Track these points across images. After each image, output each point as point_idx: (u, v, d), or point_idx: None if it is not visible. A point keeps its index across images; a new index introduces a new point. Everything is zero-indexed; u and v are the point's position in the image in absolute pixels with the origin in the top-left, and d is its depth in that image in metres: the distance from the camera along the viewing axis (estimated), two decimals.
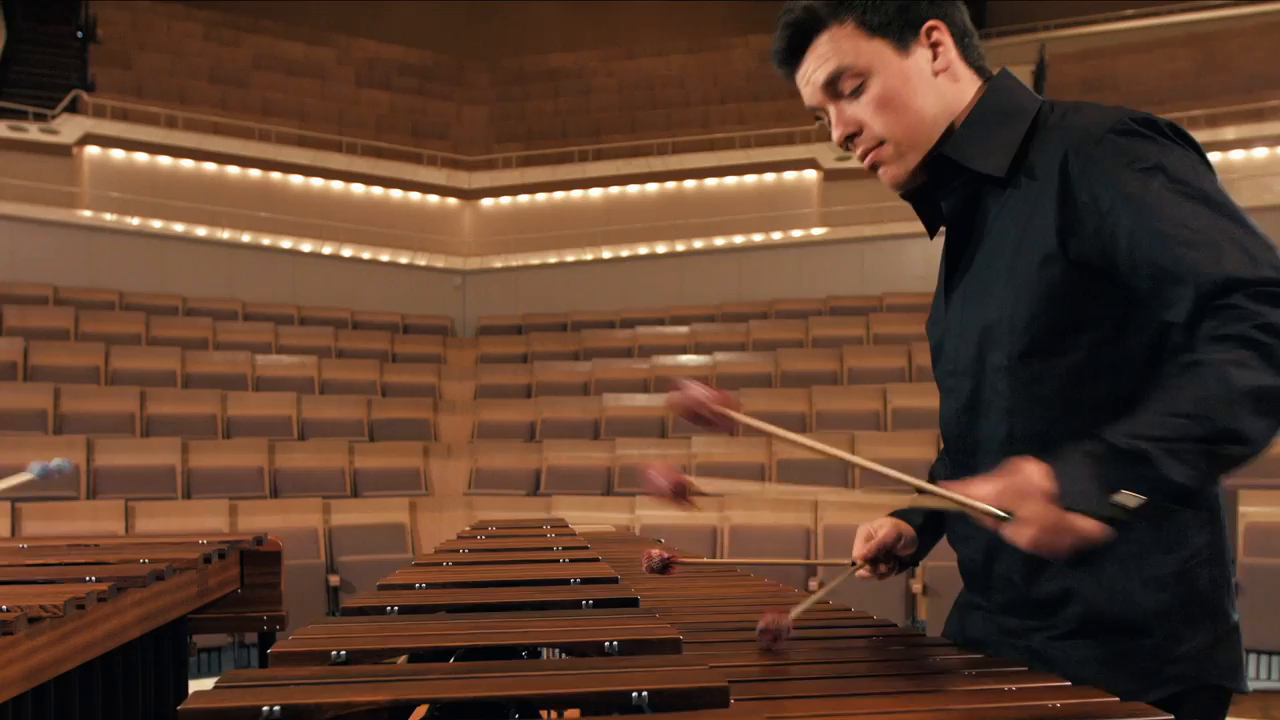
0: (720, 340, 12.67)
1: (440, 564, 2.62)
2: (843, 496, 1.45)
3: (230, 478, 8.97)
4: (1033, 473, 1.25)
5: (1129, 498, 1.21)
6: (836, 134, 1.52)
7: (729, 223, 14.83)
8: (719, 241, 14.67)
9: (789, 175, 15.17)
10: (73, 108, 14.50)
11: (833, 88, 1.49)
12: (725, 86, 17.99)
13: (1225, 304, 1.24)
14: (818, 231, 14.04)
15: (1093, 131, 1.37)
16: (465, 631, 1.80)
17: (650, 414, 10.97)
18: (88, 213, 13.53)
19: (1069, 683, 1.44)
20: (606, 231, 15.36)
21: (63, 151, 14.06)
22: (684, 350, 12.56)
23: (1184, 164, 1.35)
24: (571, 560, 2.64)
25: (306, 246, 14.34)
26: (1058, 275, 1.39)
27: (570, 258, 15.08)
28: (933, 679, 1.52)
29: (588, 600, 2.05)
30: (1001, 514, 1.28)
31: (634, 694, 1.34)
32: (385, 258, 14.88)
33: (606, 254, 14.97)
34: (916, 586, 7.31)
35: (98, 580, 2.47)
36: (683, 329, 13.15)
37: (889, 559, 1.82)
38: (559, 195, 16.45)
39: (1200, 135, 14.02)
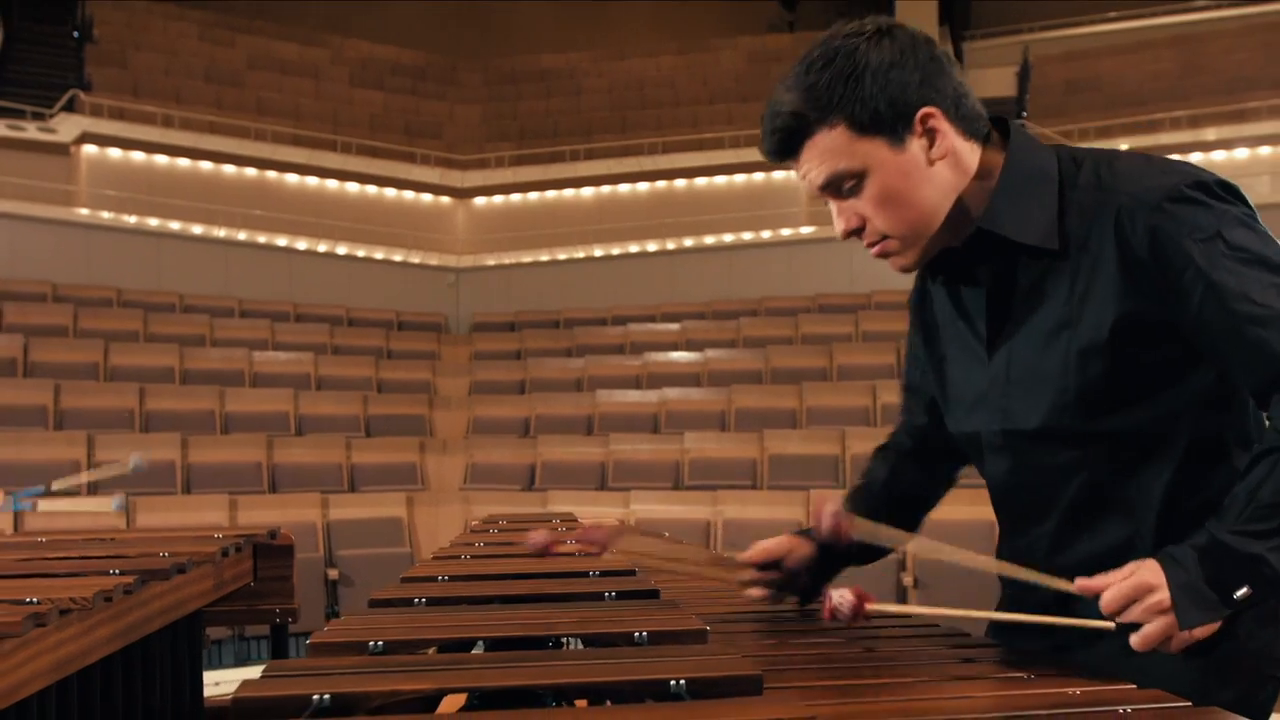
0: (711, 337, 12.69)
1: (458, 557, 2.62)
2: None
3: (229, 473, 8.95)
4: (1154, 586, 1.30)
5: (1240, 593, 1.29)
6: (839, 229, 1.48)
7: (719, 221, 14.86)
8: (709, 240, 14.69)
9: (778, 175, 15.16)
10: (70, 107, 14.43)
11: (831, 189, 1.45)
12: (714, 87, 18.00)
13: None
14: (806, 230, 14.07)
15: (1146, 199, 1.37)
16: (495, 622, 1.80)
17: (642, 410, 10.98)
18: (85, 211, 13.48)
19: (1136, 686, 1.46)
20: (598, 230, 15.37)
21: (60, 150, 14.01)
22: (675, 347, 12.58)
23: (1240, 228, 1.35)
24: (585, 553, 2.65)
25: (302, 244, 14.31)
26: (1126, 338, 1.39)
27: (562, 256, 15.09)
28: (956, 668, 1.53)
29: (610, 592, 2.06)
30: (1117, 625, 1.34)
31: (672, 682, 1.36)
32: (380, 255, 14.86)
33: (598, 252, 14.98)
34: (908, 580, 7.35)
35: (122, 573, 2.47)
36: (674, 326, 13.17)
37: (775, 568, 1.79)
38: (551, 194, 16.45)
39: (1182, 136, 14.12)
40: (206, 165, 14.89)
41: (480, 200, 16.69)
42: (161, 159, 14.59)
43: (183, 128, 14.80)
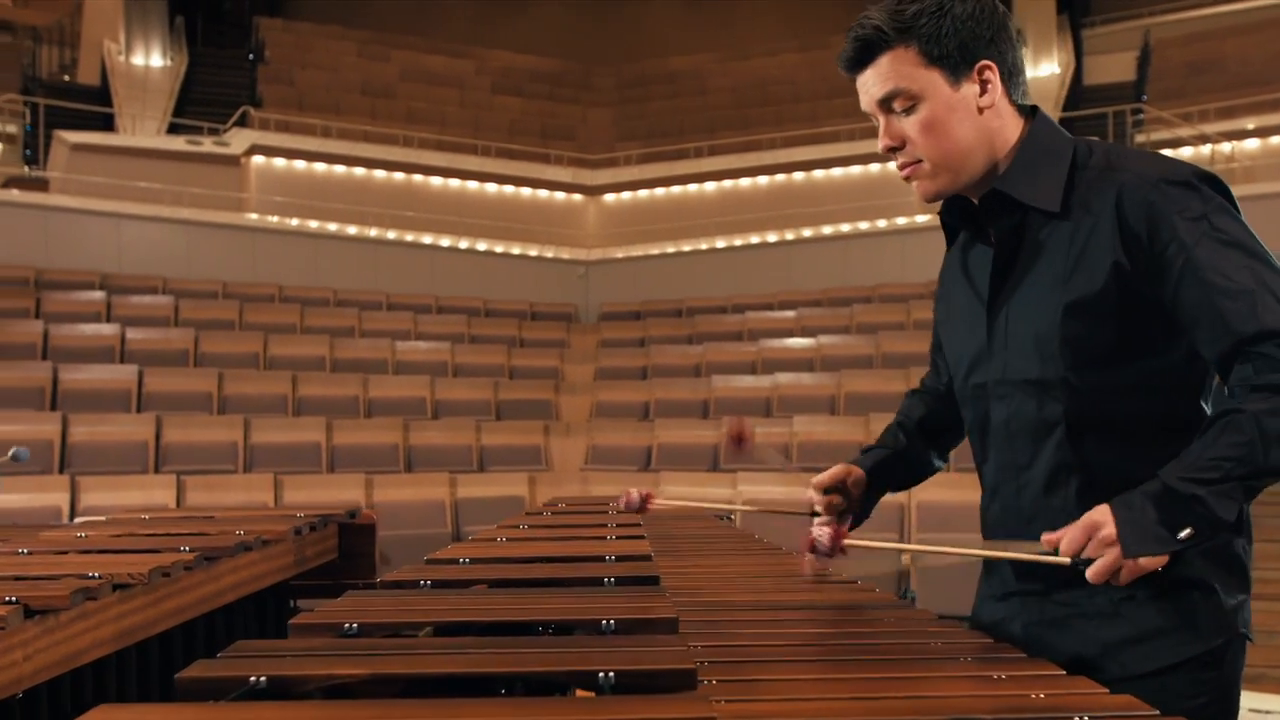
0: (824, 324, 12.43)
1: (495, 539, 2.62)
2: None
3: (369, 453, 9.22)
4: (1102, 523, 1.39)
5: (1183, 533, 1.37)
6: (881, 144, 1.59)
7: (835, 211, 14.54)
8: (826, 230, 14.38)
9: (892, 166, 14.64)
10: (242, 122, 15.11)
11: (886, 104, 1.55)
12: (833, 83, 17.57)
13: (1257, 352, 1.37)
14: (920, 219, 13.63)
15: (1146, 176, 1.46)
16: (480, 607, 1.78)
17: (756, 394, 10.84)
18: (254, 215, 14.09)
19: (1063, 672, 1.36)
20: (720, 222, 15.23)
21: (232, 161, 14.66)
22: (790, 334, 12.37)
23: (1225, 216, 1.44)
24: (619, 537, 2.61)
25: (445, 242, 14.63)
26: (1113, 297, 1.47)
27: (686, 247, 15.01)
28: (925, 665, 1.44)
29: (610, 578, 2.01)
30: (1072, 560, 1.41)
31: (600, 674, 1.30)
32: (516, 251, 15.07)
33: (720, 243, 14.85)
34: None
35: (190, 550, 2.55)
36: (790, 313, 12.95)
37: (841, 492, 1.84)
38: (676, 189, 16.40)
39: None
40: (360, 171, 15.38)
41: (610, 197, 16.77)
42: (320, 166, 15.14)
43: (340, 137, 15.33)
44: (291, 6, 20.72)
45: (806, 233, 14.46)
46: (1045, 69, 16.36)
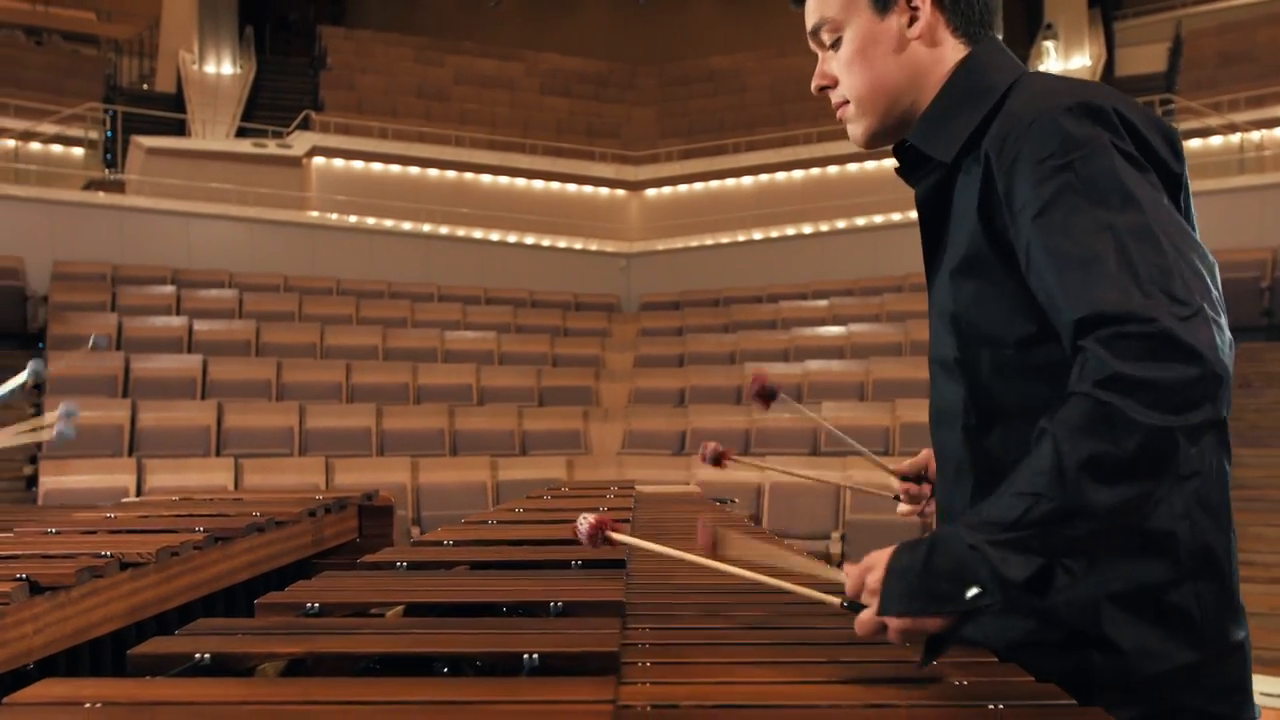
0: (856, 313, 12.30)
1: (485, 522, 2.62)
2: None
3: (416, 438, 9.31)
4: (874, 566, 1.11)
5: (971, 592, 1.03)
6: (814, 83, 1.40)
7: (867, 204, 14.35)
8: (860, 221, 14.22)
9: None
10: (304, 125, 15.30)
11: (816, 37, 1.38)
12: None
13: (1082, 346, 1.04)
14: None
15: (1024, 116, 1.17)
16: (444, 589, 1.78)
17: (787, 380, 10.76)
18: (314, 213, 14.26)
19: (996, 660, 1.29)
20: (756, 215, 15.13)
21: (294, 163, 14.87)
22: (822, 322, 12.26)
23: (1102, 158, 1.10)
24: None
25: (494, 236, 14.71)
26: (993, 265, 1.19)
27: (724, 240, 14.93)
28: (859, 650, 1.39)
29: (577, 561, 2.00)
30: (845, 603, 1.19)
31: (525, 656, 1.30)
32: (561, 244, 15.10)
33: (756, 235, 14.75)
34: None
35: (203, 531, 2.60)
36: (822, 303, 12.84)
37: (924, 479, 1.68)
38: (715, 184, 16.31)
39: None
40: (415, 170, 15.50)
41: (651, 192, 16.73)
42: (377, 166, 15.28)
43: (396, 138, 15.47)
44: (353, 15, 20.94)
45: (840, 224, 14.31)
46: (1076, 61, 15.99)
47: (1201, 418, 0.99)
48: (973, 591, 1.01)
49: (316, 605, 1.62)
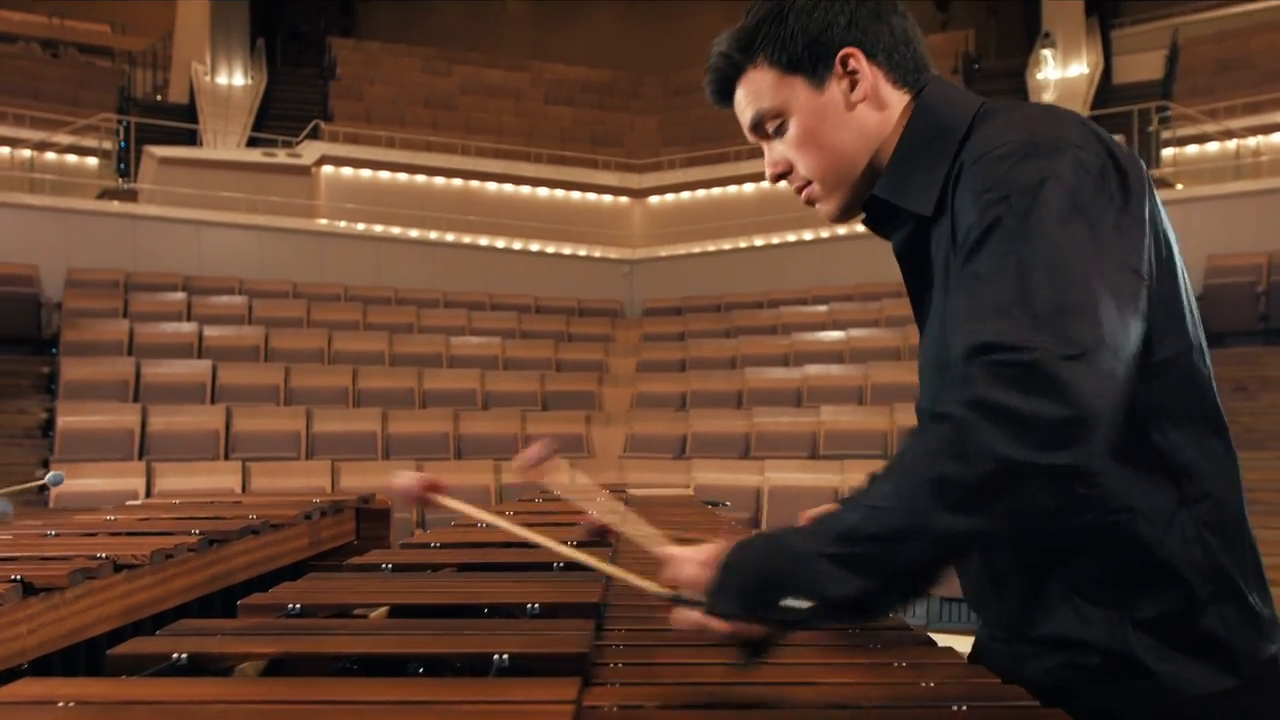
0: (855, 318, 12.29)
1: (475, 524, 2.63)
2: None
3: (422, 442, 9.33)
4: (705, 570, 1.04)
5: (795, 603, 0.98)
6: (768, 173, 1.33)
7: None
8: (859, 228, 14.17)
9: None
10: (314, 134, 15.35)
11: (759, 130, 1.30)
12: None
13: (960, 373, 0.98)
14: None
15: (975, 151, 1.13)
16: (425, 590, 1.79)
17: (787, 385, 10.76)
18: (323, 221, 14.31)
19: (964, 661, 1.30)
20: (758, 222, 15.11)
21: (303, 171, 14.91)
22: (822, 327, 12.25)
23: (1038, 198, 1.02)
24: None
25: (499, 243, 14.73)
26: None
27: (726, 246, 14.93)
28: (828, 651, 1.39)
29: (559, 563, 2.00)
30: (673, 596, 1.10)
31: (495, 656, 1.30)
32: (565, 251, 15.11)
33: (758, 241, 14.75)
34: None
35: (198, 534, 2.61)
36: (822, 308, 12.83)
37: None
38: (716, 191, 16.31)
39: None
40: (421, 178, 15.53)
41: (654, 199, 16.75)
42: (385, 175, 15.32)
43: (403, 147, 15.50)
44: (363, 27, 21.01)
45: (840, 231, 14.28)
46: (1074, 69, 15.96)
47: (1063, 461, 0.92)
48: (791, 602, 0.98)
49: (298, 606, 1.63)
